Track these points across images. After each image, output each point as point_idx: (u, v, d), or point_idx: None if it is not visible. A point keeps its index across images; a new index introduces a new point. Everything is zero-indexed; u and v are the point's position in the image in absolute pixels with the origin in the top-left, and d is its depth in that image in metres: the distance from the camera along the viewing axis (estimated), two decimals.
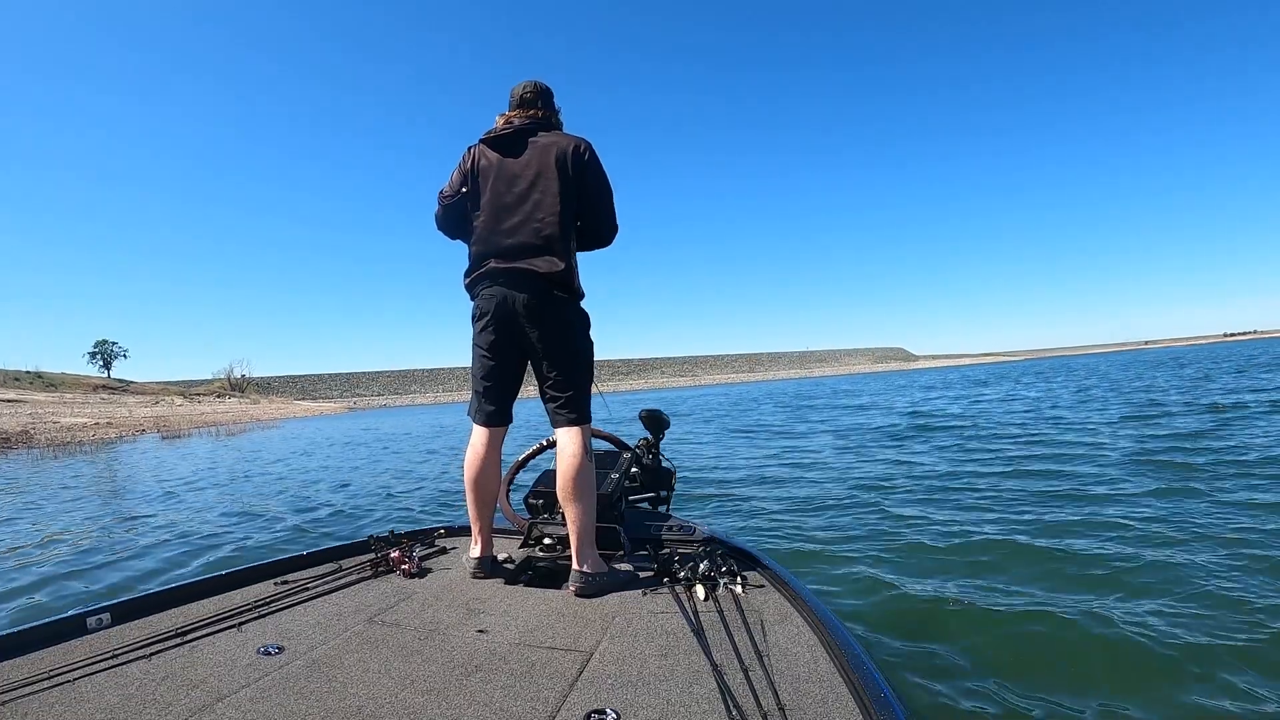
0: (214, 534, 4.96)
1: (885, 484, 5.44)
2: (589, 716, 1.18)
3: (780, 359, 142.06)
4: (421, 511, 5.56)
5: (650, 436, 2.71)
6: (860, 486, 5.40)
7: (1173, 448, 6.02)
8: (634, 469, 2.61)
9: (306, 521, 5.31)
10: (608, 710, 1.20)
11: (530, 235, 1.98)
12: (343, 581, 2.01)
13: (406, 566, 2.09)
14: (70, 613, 1.65)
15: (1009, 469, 5.70)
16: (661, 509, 2.68)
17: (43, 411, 31.29)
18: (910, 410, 13.65)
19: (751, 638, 1.48)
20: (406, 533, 2.55)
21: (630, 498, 2.60)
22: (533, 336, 2.00)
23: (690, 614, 1.63)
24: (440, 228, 2.22)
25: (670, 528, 2.32)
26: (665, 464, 2.72)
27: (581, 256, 2.19)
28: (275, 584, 1.95)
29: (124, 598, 1.78)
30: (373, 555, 2.21)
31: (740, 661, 1.37)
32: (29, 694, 1.30)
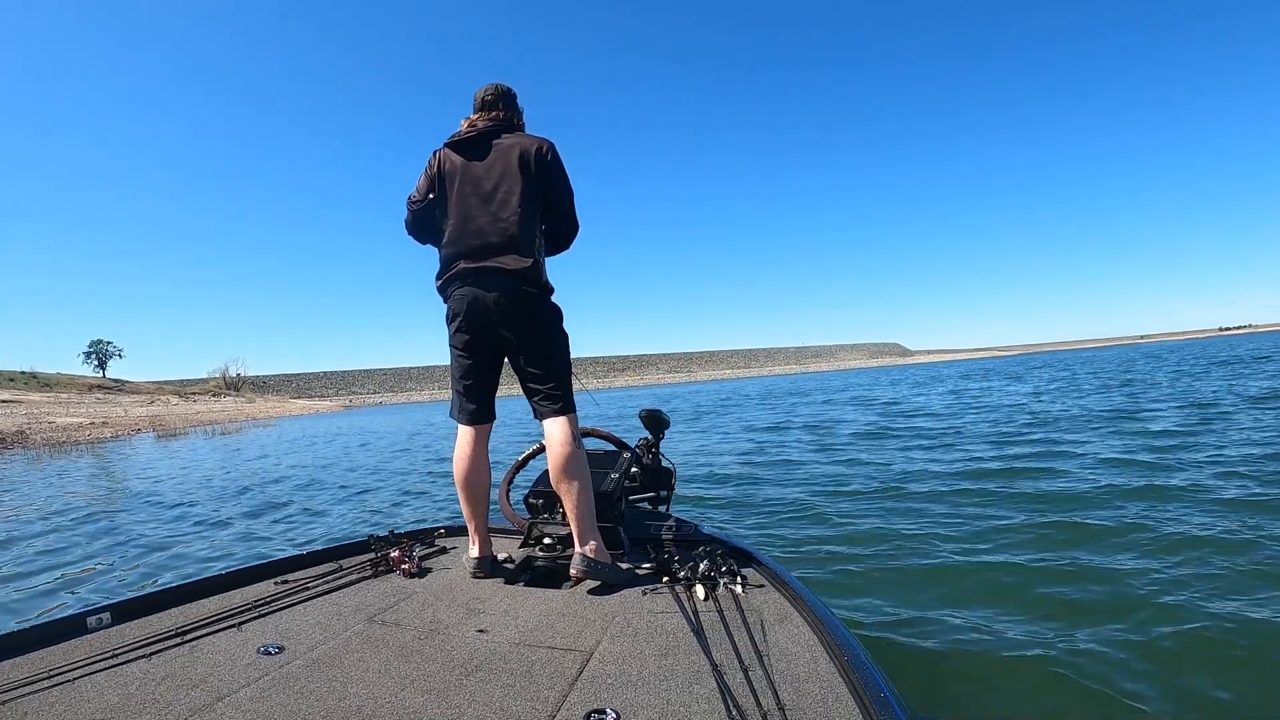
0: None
1: (861, 485, 5.45)
2: (589, 716, 1.19)
3: (776, 355, 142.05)
4: (254, 541, 4.91)
5: (650, 436, 2.71)
6: (842, 486, 5.42)
7: (1146, 450, 5.92)
8: (634, 469, 2.61)
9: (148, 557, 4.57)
10: (608, 710, 1.20)
11: (497, 234, 2.01)
12: (343, 581, 2.01)
13: (406, 566, 2.09)
14: (70, 612, 1.65)
15: (992, 470, 5.67)
16: (661, 509, 2.68)
17: (38, 412, 31.28)
18: (891, 409, 13.52)
19: (751, 638, 1.49)
20: (406, 532, 2.55)
21: (630, 497, 2.61)
22: (507, 333, 2.03)
23: (690, 614, 1.64)
24: (410, 233, 2.25)
25: (670, 527, 2.32)
26: (665, 464, 2.73)
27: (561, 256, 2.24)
28: (275, 584, 1.95)
29: (124, 597, 1.78)
30: (373, 555, 2.20)
31: (740, 661, 1.38)
32: (29, 693, 1.30)
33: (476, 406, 2.13)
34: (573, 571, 1.91)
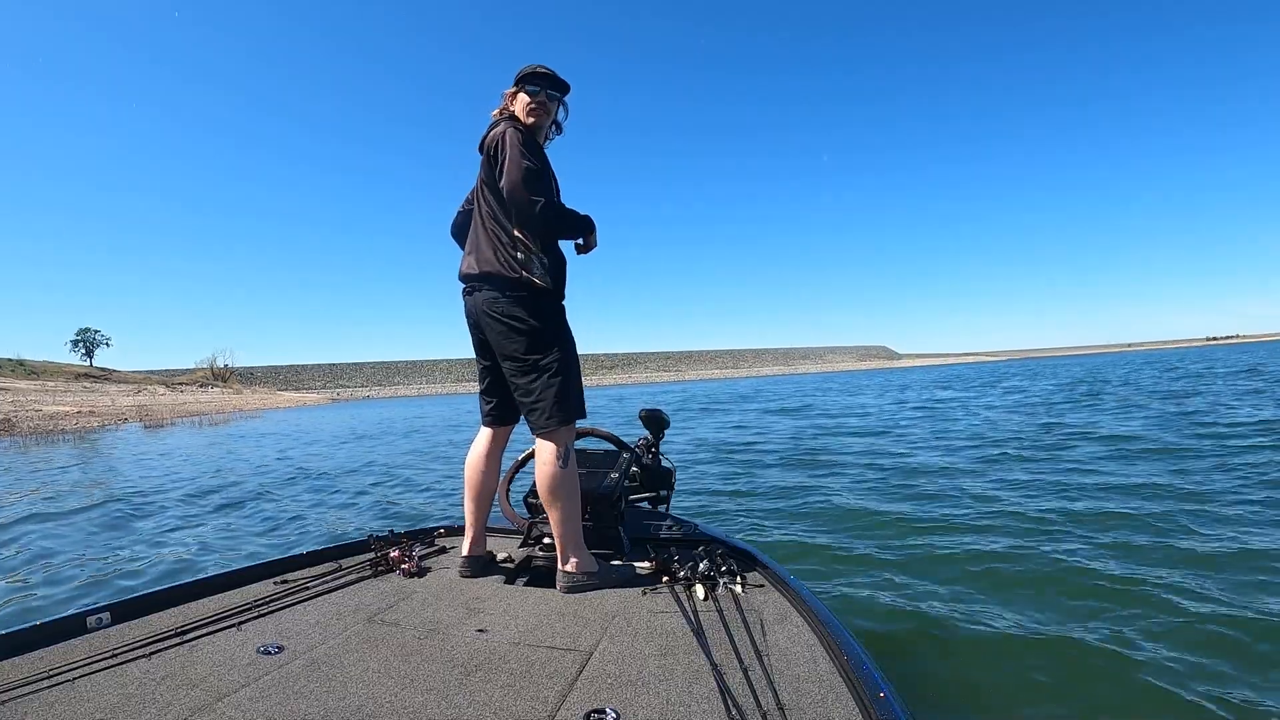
0: None
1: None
2: (589, 716, 1.20)
3: (764, 355, 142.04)
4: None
5: (650, 436, 2.72)
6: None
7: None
8: (634, 469, 2.62)
9: None
10: (607, 710, 1.21)
11: (482, 232, 1.98)
12: (342, 581, 2.00)
13: (406, 566, 2.08)
14: (70, 612, 1.64)
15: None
16: (661, 509, 2.69)
17: (25, 399, 30.93)
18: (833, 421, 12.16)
19: (751, 637, 1.50)
20: (406, 532, 2.54)
21: (630, 498, 2.61)
22: (490, 339, 1.98)
23: (690, 614, 1.65)
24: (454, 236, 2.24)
25: (670, 527, 2.33)
26: (665, 464, 2.73)
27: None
28: (275, 583, 1.94)
29: (124, 597, 1.77)
30: (372, 555, 2.19)
31: (740, 661, 1.39)
32: (29, 693, 1.30)
33: (492, 409, 2.13)
34: (559, 588, 1.90)
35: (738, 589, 1.81)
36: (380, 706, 1.25)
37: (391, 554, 2.16)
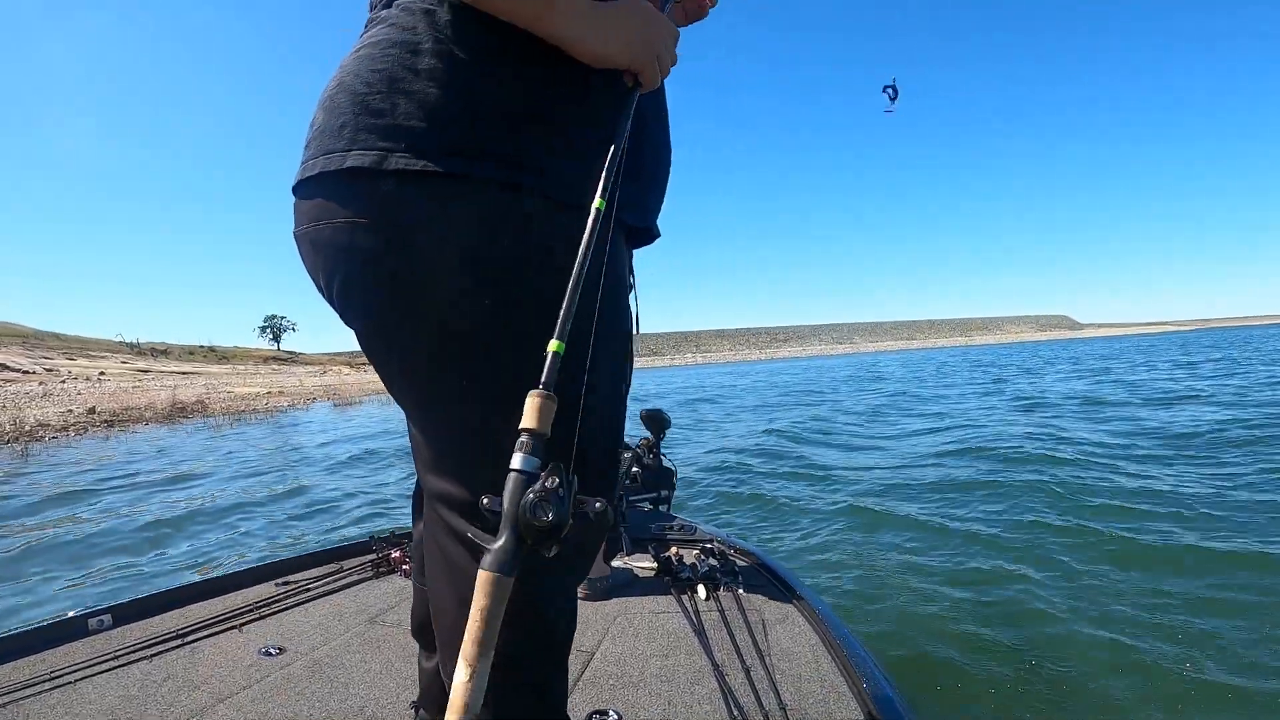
0: None
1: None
2: (591, 716, 1.19)
3: (939, 326, 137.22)
4: None
5: (651, 436, 2.71)
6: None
7: None
8: (634, 469, 2.61)
9: None
10: (610, 710, 1.21)
11: None
12: (344, 582, 2.00)
13: (408, 566, 2.07)
14: (71, 614, 1.65)
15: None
16: (662, 509, 2.68)
17: (216, 382, 32.65)
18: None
19: (753, 637, 1.49)
20: (408, 532, 2.55)
21: (631, 498, 2.60)
22: None
23: (691, 614, 1.64)
24: None
25: (671, 527, 2.32)
26: (666, 464, 2.72)
27: None
28: (276, 585, 1.94)
29: (125, 599, 1.78)
30: (374, 555, 2.18)
31: (742, 661, 1.38)
32: (31, 695, 1.31)
33: None
34: None
35: (739, 589, 1.79)
36: (382, 708, 1.25)
37: (393, 555, 2.14)
